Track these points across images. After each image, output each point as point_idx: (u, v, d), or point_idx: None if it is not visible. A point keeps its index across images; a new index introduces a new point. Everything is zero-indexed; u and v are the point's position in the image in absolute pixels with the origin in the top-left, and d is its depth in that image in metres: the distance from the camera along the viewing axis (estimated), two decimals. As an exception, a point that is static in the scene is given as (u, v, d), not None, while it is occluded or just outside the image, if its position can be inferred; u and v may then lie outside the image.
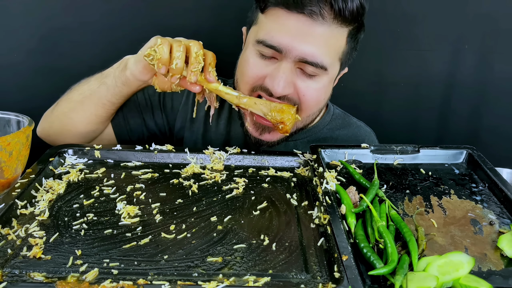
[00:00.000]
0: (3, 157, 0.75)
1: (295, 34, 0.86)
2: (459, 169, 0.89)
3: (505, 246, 0.66)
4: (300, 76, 0.91)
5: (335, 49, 0.90)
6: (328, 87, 0.96)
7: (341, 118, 1.13)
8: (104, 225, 0.70)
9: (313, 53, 0.87)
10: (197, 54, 0.83)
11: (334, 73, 0.95)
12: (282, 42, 0.87)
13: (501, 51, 1.31)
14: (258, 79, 0.92)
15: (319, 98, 0.96)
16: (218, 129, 1.09)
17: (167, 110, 1.10)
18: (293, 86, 0.91)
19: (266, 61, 0.91)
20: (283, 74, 0.88)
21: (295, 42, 0.86)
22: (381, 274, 0.59)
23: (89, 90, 0.97)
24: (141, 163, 0.88)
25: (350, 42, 0.92)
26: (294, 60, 0.88)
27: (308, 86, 0.92)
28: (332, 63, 0.91)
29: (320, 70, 0.90)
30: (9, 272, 0.59)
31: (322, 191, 0.76)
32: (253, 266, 0.62)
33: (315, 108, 0.98)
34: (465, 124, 1.40)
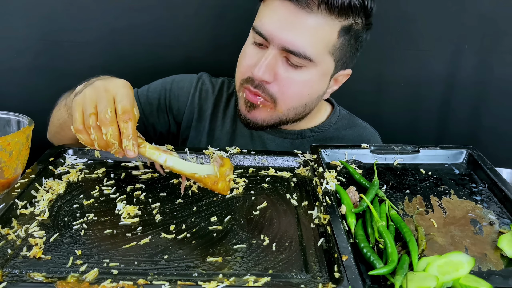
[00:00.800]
0: (3, 157, 0.75)
1: (281, 22, 0.86)
2: (459, 169, 0.89)
3: (505, 246, 0.66)
4: (284, 65, 0.90)
5: (323, 41, 0.88)
6: (317, 82, 0.94)
7: (347, 119, 1.13)
8: (104, 225, 0.70)
9: (294, 42, 0.86)
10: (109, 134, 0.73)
11: (327, 69, 0.93)
12: (268, 28, 0.87)
13: (501, 52, 1.31)
14: (249, 68, 0.91)
15: (301, 91, 0.93)
16: (224, 128, 1.09)
17: (173, 111, 1.10)
18: (275, 74, 0.89)
19: (258, 48, 0.92)
20: (265, 59, 0.88)
21: (279, 30, 0.86)
22: (381, 274, 0.59)
23: (61, 118, 0.95)
24: (141, 163, 0.88)
25: (344, 38, 0.90)
26: (278, 48, 0.88)
27: (290, 77, 0.90)
28: (319, 55, 0.89)
29: (305, 61, 0.88)
30: (9, 272, 0.59)
31: (322, 191, 0.76)
32: (253, 266, 0.62)
33: (296, 102, 0.95)
34: (465, 124, 1.40)
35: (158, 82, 1.12)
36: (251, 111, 0.96)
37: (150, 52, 1.29)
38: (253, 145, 1.08)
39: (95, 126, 0.73)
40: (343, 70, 0.98)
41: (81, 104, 0.75)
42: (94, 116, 0.73)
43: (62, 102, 0.96)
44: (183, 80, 1.12)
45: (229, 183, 0.72)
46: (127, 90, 0.76)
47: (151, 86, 1.11)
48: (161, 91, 1.10)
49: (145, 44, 1.27)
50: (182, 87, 1.11)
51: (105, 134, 0.72)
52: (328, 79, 0.96)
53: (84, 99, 0.75)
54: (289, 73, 0.90)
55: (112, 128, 0.72)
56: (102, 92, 0.75)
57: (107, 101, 0.73)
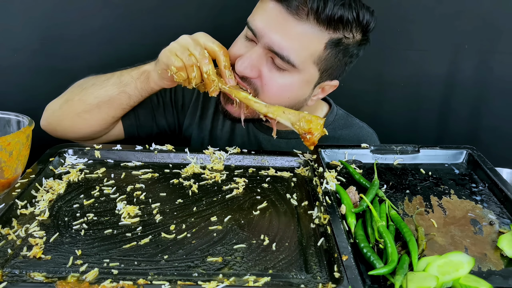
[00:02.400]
0: (3, 157, 0.75)
1: (271, 22, 0.87)
2: (459, 169, 0.89)
3: (505, 246, 0.66)
4: (269, 64, 0.90)
5: (309, 51, 0.88)
6: (298, 88, 0.93)
7: (344, 119, 1.13)
8: (104, 225, 0.70)
9: (280, 44, 0.86)
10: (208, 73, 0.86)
11: (310, 77, 0.92)
12: (258, 25, 0.88)
13: (501, 51, 1.31)
14: (234, 58, 0.92)
15: (282, 94, 0.93)
16: (224, 127, 1.10)
17: (178, 107, 1.11)
18: (258, 71, 0.90)
19: (247, 42, 0.92)
20: (250, 55, 0.89)
21: (268, 29, 0.87)
22: (381, 274, 0.59)
23: (107, 95, 0.96)
24: (141, 163, 0.88)
25: (331, 50, 0.89)
26: (265, 47, 0.88)
27: (273, 77, 0.90)
28: (303, 63, 0.88)
29: (288, 66, 0.88)
30: (9, 272, 0.59)
31: (322, 191, 0.76)
32: (253, 266, 0.62)
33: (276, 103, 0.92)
34: (465, 124, 1.40)
35: None
36: (227, 103, 0.96)
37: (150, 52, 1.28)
38: (250, 144, 1.08)
39: (197, 64, 0.86)
40: (329, 81, 0.96)
41: (174, 50, 0.87)
42: (193, 57, 0.86)
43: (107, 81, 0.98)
44: None
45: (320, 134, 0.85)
46: (209, 36, 0.89)
47: None
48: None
49: (145, 44, 1.27)
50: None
51: (206, 72, 0.86)
52: (311, 87, 0.95)
53: (175, 47, 0.88)
54: (272, 73, 0.90)
55: (211, 65, 0.86)
56: (190, 40, 0.88)
57: (200, 45, 0.87)
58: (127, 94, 0.96)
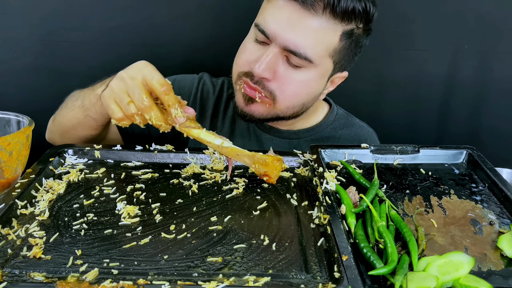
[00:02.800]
0: (3, 157, 0.75)
1: (284, 22, 0.87)
2: (459, 169, 0.89)
3: (505, 246, 0.66)
4: (285, 64, 0.90)
5: (325, 44, 0.89)
6: (315, 83, 0.94)
7: (344, 118, 1.13)
8: (104, 225, 0.70)
9: (296, 42, 0.86)
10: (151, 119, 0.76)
11: (326, 70, 0.93)
12: (270, 27, 0.88)
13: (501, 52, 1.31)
14: (248, 63, 0.92)
15: (300, 91, 0.94)
16: (224, 128, 1.10)
17: None
18: (274, 72, 0.90)
19: (259, 45, 0.92)
20: (266, 57, 0.89)
21: (282, 30, 0.87)
22: (381, 274, 0.59)
23: (75, 119, 0.96)
24: (141, 163, 0.88)
25: (345, 42, 0.90)
26: (280, 47, 0.88)
27: (289, 76, 0.90)
28: (319, 57, 0.89)
29: (305, 62, 0.88)
30: (9, 272, 0.59)
31: (322, 191, 0.76)
32: (253, 266, 0.62)
33: (294, 101, 0.95)
34: (465, 124, 1.40)
35: None
36: (249, 104, 0.96)
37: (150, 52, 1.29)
38: (250, 144, 1.08)
39: (137, 113, 0.76)
40: (340, 72, 0.98)
41: (112, 97, 0.78)
42: (132, 104, 0.76)
43: (75, 104, 0.96)
44: (184, 80, 1.12)
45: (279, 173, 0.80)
46: (150, 68, 0.77)
47: None
48: None
49: (145, 44, 1.27)
50: (183, 86, 1.11)
51: (149, 119, 0.76)
52: (325, 80, 0.97)
53: (113, 91, 0.78)
54: (288, 72, 0.90)
55: (154, 111, 0.76)
56: (129, 81, 0.76)
57: (139, 88, 0.75)
58: (92, 118, 0.94)
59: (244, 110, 0.97)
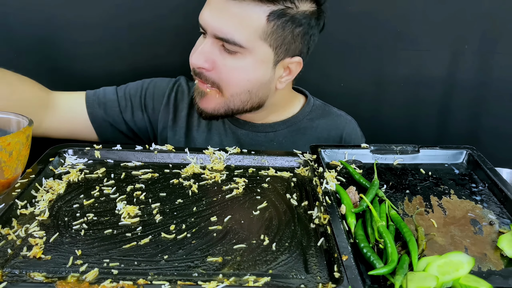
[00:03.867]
0: (3, 157, 0.75)
1: (212, 11, 0.90)
2: (459, 169, 0.89)
3: (505, 246, 0.66)
4: (222, 52, 0.92)
5: (251, 27, 0.88)
6: (254, 69, 0.93)
7: (321, 108, 1.13)
8: (104, 225, 0.70)
9: (223, 29, 0.89)
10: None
11: (264, 55, 0.92)
12: (203, 18, 0.92)
13: (501, 52, 1.31)
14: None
15: (239, 77, 0.94)
16: (200, 127, 1.10)
17: (149, 111, 1.11)
18: (213, 62, 0.92)
19: (203, 39, 0.96)
20: (202, 48, 0.92)
21: (210, 18, 0.90)
22: (381, 274, 0.59)
23: None
24: (141, 163, 0.88)
25: (275, 23, 0.89)
26: (212, 36, 0.91)
27: (227, 64, 0.92)
28: (249, 41, 0.89)
29: (238, 48, 0.90)
30: (9, 272, 0.59)
31: (322, 191, 0.76)
32: (253, 266, 0.62)
33: (237, 88, 0.95)
34: (465, 124, 1.40)
35: (137, 81, 1.14)
36: (201, 100, 0.98)
37: (150, 52, 1.29)
38: (228, 141, 1.08)
39: None
40: (289, 58, 0.96)
41: None
42: None
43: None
44: (161, 81, 1.15)
45: None
46: None
47: (130, 84, 1.13)
48: (138, 89, 1.11)
49: (145, 44, 1.27)
50: (158, 86, 1.13)
51: None
52: (269, 66, 0.95)
53: None
54: (225, 60, 0.92)
55: None
56: None
57: None
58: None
59: (200, 106, 1.00)
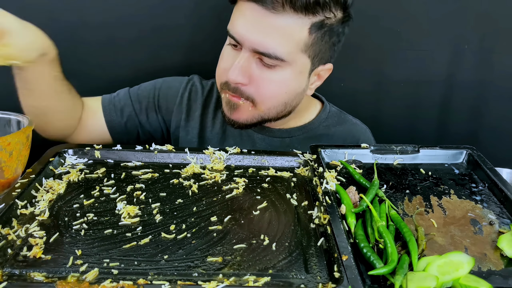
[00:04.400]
0: (3, 157, 0.75)
1: (250, 24, 0.87)
2: (459, 169, 0.89)
3: (505, 246, 0.66)
4: (259, 66, 0.90)
5: (293, 40, 0.87)
6: (293, 81, 0.93)
7: (337, 116, 1.13)
8: (104, 225, 0.70)
9: (263, 43, 0.86)
10: None
11: (303, 66, 0.92)
12: (238, 31, 0.88)
13: (501, 51, 1.31)
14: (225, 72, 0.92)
15: (278, 91, 0.93)
16: (214, 129, 1.10)
17: (163, 111, 1.11)
18: (249, 76, 0.90)
19: (234, 51, 0.92)
20: (238, 62, 0.89)
21: (248, 32, 0.87)
22: (381, 274, 0.59)
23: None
24: (141, 163, 0.88)
25: (316, 34, 0.88)
26: (250, 51, 0.88)
27: (265, 77, 0.90)
28: (291, 54, 0.88)
29: (278, 61, 0.88)
30: (9, 272, 0.59)
31: (322, 191, 0.76)
32: (253, 266, 0.62)
33: (274, 101, 0.94)
34: (465, 124, 1.40)
35: (149, 82, 1.14)
36: (233, 112, 0.96)
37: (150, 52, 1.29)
38: (243, 145, 1.08)
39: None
40: (322, 65, 0.96)
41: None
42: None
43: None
44: (174, 80, 1.14)
45: None
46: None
47: (142, 86, 1.12)
48: (151, 90, 1.11)
49: (145, 44, 1.27)
50: (171, 87, 1.12)
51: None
52: (305, 76, 0.95)
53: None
54: (263, 73, 0.90)
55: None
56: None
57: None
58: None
59: (231, 118, 0.98)
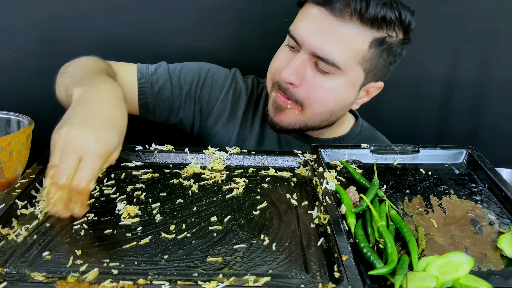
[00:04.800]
0: (3, 157, 0.75)
1: (313, 28, 0.88)
2: (459, 169, 0.89)
3: (505, 246, 0.66)
4: (313, 70, 0.90)
5: (353, 51, 0.88)
6: (344, 90, 0.93)
7: (368, 131, 1.13)
8: (104, 225, 0.70)
9: (324, 48, 0.87)
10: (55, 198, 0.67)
11: (356, 78, 0.92)
12: (300, 33, 0.89)
13: (501, 51, 1.31)
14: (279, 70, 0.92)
15: (328, 98, 0.93)
16: (253, 129, 1.09)
17: (203, 103, 1.08)
18: (302, 78, 0.90)
19: (290, 52, 0.93)
20: (294, 62, 0.90)
21: (310, 35, 0.88)
22: (381, 274, 0.59)
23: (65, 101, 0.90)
24: (141, 163, 0.88)
25: (376, 49, 0.89)
26: (308, 53, 0.89)
27: (317, 82, 0.90)
28: (348, 64, 0.89)
29: (333, 68, 0.88)
30: (9, 272, 0.59)
31: (322, 191, 0.76)
32: (253, 266, 0.62)
33: (322, 108, 0.95)
34: (465, 124, 1.40)
35: (193, 65, 1.09)
36: (277, 113, 0.96)
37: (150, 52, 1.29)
38: (280, 149, 1.07)
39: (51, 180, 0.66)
40: (374, 82, 0.97)
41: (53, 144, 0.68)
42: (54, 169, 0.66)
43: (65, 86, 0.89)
44: (219, 73, 1.10)
45: None
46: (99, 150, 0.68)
47: (185, 68, 1.07)
48: (195, 77, 1.07)
49: (145, 44, 1.27)
50: (217, 80, 1.09)
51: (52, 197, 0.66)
52: (356, 89, 0.95)
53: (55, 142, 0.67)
54: (317, 78, 0.90)
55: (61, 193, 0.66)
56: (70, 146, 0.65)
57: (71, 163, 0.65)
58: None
59: (274, 120, 0.98)
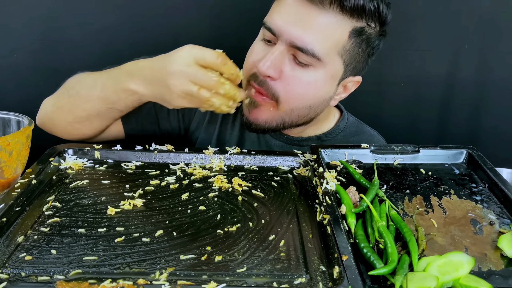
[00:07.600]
0: (3, 157, 0.75)
1: (291, 17, 0.85)
2: (459, 169, 0.89)
3: (505, 246, 0.66)
4: (291, 63, 0.88)
5: (333, 40, 0.86)
6: (324, 84, 0.91)
7: (355, 126, 1.11)
8: (104, 225, 0.70)
9: (303, 37, 0.84)
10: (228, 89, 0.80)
11: (335, 71, 0.90)
12: (277, 23, 0.86)
13: (501, 51, 1.31)
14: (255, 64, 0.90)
15: (306, 92, 0.90)
16: (233, 132, 1.08)
17: (185, 110, 1.07)
18: (280, 72, 0.87)
19: (266, 45, 0.90)
20: (271, 54, 0.87)
21: (288, 24, 0.85)
22: (381, 274, 0.59)
23: (95, 110, 0.92)
24: (141, 163, 0.88)
25: (355, 40, 0.88)
26: (286, 44, 0.86)
27: (296, 76, 0.88)
28: (328, 54, 0.86)
29: (313, 60, 0.86)
30: (9, 272, 0.59)
31: (322, 191, 0.76)
32: (253, 266, 0.62)
33: (300, 102, 0.92)
34: (465, 124, 1.40)
35: None
36: (252, 110, 0.93)
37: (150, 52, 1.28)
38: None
39: (211, 96, 0.79)
40: (352, 77, 0.95)
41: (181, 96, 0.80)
42: (203, 89, 0.78)
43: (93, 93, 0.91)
44: None
45: None
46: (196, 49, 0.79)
47: None
48: None
49: (145, 44, 1.27)
50: None
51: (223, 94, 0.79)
52: (335, 83, 0.93)
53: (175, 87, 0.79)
54: (295, 71, 0.88)
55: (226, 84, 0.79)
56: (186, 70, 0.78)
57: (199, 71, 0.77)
58: (117, 110, 0.93)
59: (249, 118, 0.95)
